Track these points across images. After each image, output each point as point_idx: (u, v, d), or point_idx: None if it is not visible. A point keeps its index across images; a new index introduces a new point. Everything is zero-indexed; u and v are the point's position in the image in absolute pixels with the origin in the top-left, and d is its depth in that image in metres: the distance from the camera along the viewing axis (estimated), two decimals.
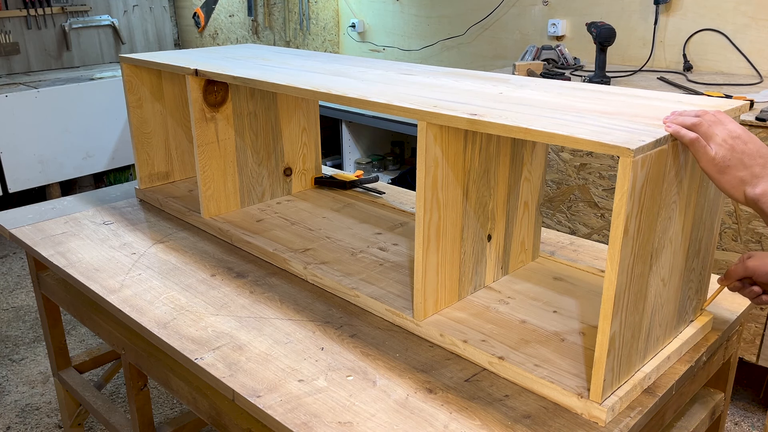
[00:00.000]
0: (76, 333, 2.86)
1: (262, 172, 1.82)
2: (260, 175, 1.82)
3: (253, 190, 1.81)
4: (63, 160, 3.88)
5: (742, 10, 2.52)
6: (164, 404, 2.40)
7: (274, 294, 1.37)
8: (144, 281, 1.43)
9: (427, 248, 1.16)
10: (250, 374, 1.10)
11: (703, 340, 1.19)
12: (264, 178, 1.83)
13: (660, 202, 0.95)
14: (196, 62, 1.67)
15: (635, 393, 1.03)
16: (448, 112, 1.06)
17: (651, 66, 2.83)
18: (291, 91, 1.34)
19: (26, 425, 2.28)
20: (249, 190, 1.80)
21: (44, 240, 1.66)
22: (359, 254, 1.50)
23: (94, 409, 1.80)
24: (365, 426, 0.98)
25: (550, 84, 1.30)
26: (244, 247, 1.58)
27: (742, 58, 2.57)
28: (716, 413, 1.38)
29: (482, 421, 0.98)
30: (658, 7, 2.72)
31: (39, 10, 4.28)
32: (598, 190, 2.44)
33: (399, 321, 1.25)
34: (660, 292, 1.04)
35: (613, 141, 0.87)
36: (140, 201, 1.94)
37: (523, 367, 1.07)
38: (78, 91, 3.88)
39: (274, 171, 1.86)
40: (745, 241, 2.08)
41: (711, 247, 1.17)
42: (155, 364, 1.39)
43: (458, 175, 1.17)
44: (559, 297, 1.30)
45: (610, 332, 0.93)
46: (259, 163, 1.81)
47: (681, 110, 1.01)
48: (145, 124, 1.92)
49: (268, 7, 4.27)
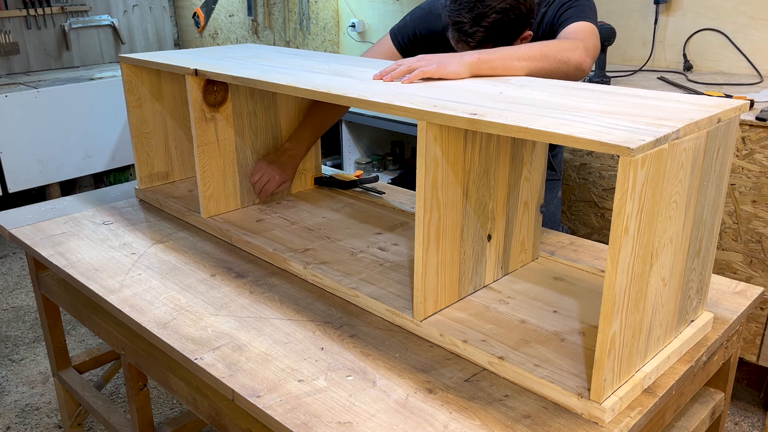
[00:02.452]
0: (76, 333, 2.86)
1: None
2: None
3: (253, 189, 1.81)
4: (63, 160, 3.88)
5: (742, 9, 2.52)
6: (164, 404, 2.40)
7: (274, 294, 1.37)
8: (144, 281, 1.43)
9: (427, 248, 1.16)
10: (249, 374, 1.10)
11: (703, 340, 1.19)
12: None
13: (660, 201, 0.95)
14: (195, 62, 1.67)
15: (635, 393, 1.03)
16: (448, 111, 1.06)
17: (651, 66, 2.83)
18: (291, 91, 1.34)
19: (26, 425, 2.28)
20: (249, 190, 1.80)
21: (44, 240, 1.66)
22: (359, 254, 1.50)
23: (94, 409, 1.80)
24: (365, 426, 0.98)
25: (550, 84, 1.30)
26: (244, 247, 1.58)
27: (742, 57, 2.57)
28: (716, 413, 1.38)
29: (482, 421, 0.98)
30: (658, 6, 2.72)
31: (39, 10, 4.27)
32: (598, 190, 2.44)
33: (399, 321, 1.24)
34: (660, 292, 1.04)
35: (613, 140, 0.87)
36: (140, 201, 1.94)
37: (523, 367, 1.07)
38: (78, 91, 3.88)
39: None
40: (745, 241, 2.08)
41: (711, 247, 1.17)
42: (155, 364, 1.39)
43: (458, 175, 1.17)
44: (559, 297, 1.30)
45: (610, 332, 0.93)
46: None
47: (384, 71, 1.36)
48: (145, 124, 1.92)
49: (268, 7, 4.27)
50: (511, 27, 1.54)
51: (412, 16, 1.85)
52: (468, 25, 1.53)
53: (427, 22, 1.81)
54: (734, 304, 1.31)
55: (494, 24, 1.52)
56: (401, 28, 1.85)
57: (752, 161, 2.02)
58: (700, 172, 1.04)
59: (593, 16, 1.62)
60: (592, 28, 1.57)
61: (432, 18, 1.81)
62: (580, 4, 1.63)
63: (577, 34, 1.53)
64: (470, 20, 1.53)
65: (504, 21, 1.53)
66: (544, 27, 1.68)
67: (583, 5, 1.63)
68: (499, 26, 1.53)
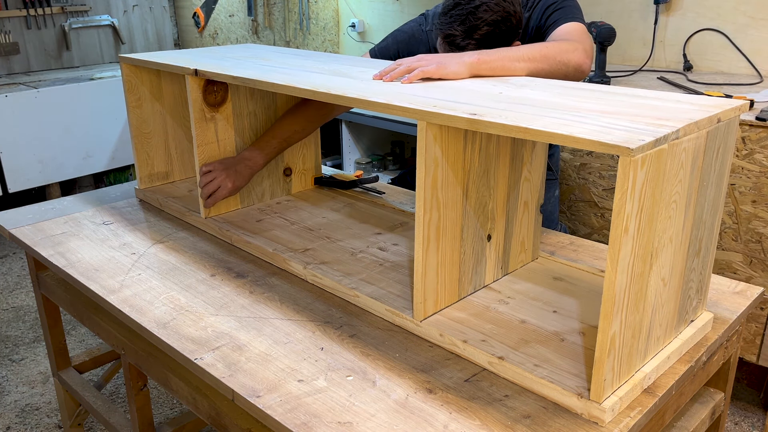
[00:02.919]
0: (76, 333, 2.86)
1: (261, 172, 1.82)
2: (260, 175, 1.81)
3: (253, 190, 1.81)
4: (63, 160, 3.88)
5: (742, 9, 2.52)
6: (164, 404, 2.40)
7: (274, 294, 1.37)
8: (144, 281, 1.43)
9: (427, 248, 1.16)
10: (249, 374, 1.10)
11: (703, 340, 1.19)
12: (264, 178, 1.83)
13: (660, 201, 0.95)
14: (195, 62, 1.67)
15: (635, 393, 1.03)
16: (448, 111, 1.06)
17: (651, 66, 2.83)
18: (291, 91, 1.34)
19: (26, 425, 2.28)
20: (249, 190, 1.80)
21: (44, 240, 1.66)
22: (359, 254, 1.50)
23: (93, 409, 1.80)
24: (365, 426, 0.98)
25: (549, 84, 1.30)
26: (244, 247, 1.58)
27: (742, 57, 2.56)
28: (716, 413, 1.38)
29: (482, 421, 0.98)
30: (658, 6, 2.72)
31: (39, 10, 4.27)
32: (598, 190, 2.44)
33: (399, 321, 1.24)
34: (660, 292, 1.04)
35: (612, 140, 0.87)
36: (140, 201, 1.94)
37: (523, 367, 1.07)
38: (78, 91, 3.88)
39: (274, 171, 1.86)
40: (745, 241, 2.08)
41: (711, 247, 1.17)
42: (155, 364, 1.39)
43: (458, 175, 1.17)
44: (559, 297, 1.30)
45: (610, 332, 0.93)
46: None
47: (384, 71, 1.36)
48: (145, 124, 1.92)
49: (268, 7, 4.27)
50: (502, 38, 1.55)
51: (395, 38, 1.86)
52: (460, 38, 1.54)
53: (410, 45, 1.83)
54: (734, 304, 1.31)
55: (485, 36, 1.53)
56: (382, 49, 1.87)
57: (752, 161, 2.02)
58: (700, 172, 1.04)
59: (580, 15, 1.64)
60: (582, 28, 1.58)
61: (415, 42, 1.83)
62: (566, 5, 1.64)
63: (571, 35, 1.54)
64: (462, 33, 1.54)
65: (495, 33, 1.53)
66: (530, 30, 1.69)
67: (569, 6, 1.64)
68: (491, 38, 1.54)
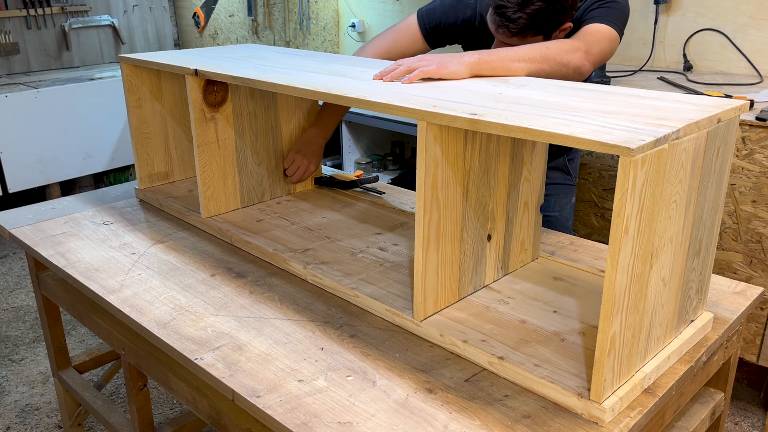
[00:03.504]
0: (76, 333, 2.86)
1: (262, 172, 1.82)
2: (260, 175, 1.82)
3: (253, 190, 1.81)
4: (63, 160, 3.88)
5: (742, 9, 2.52)
6: (164, 404, 2.40)
7: (274, 294, 1.37)
8: (144, 281, 1.43)
9: (427, 248, 1.16)
10: (249, 374, 1.10)
11: (703, 340, 1.19)
12: (264, 178, 1.83)
13: (660, 201, 0.95)
14: (195, 62, 1.67)
15: (635, 393, 1.03)
16: (448, 111, 1.06)
17: (651, 66, 2.83)
18: (291, 91, 1.34)
19: (26, 425, 2.28)
20: (249, 190, 1.80)
21: (44, 240, 1.66)
22: (359, 254, 1.50)
23: (93, 409, 1.80)
24: (365, 426, 0.98)
25: (549, 84, 1.30)
26: (244, 247, 1.58)
27: (742, 57, 2.56)
28: (716, 413, 1.38)
29: (482, 421, 0.98)
30: (658, 6, 2.72)
31: (39, 10, 4.27)
32: (598, 190, 2.44)
33: (399, 321, 1.24)
34: (660, 292, 1.04)
35: (612, 140, 0.87)
36: (140, 201, 1.94)
37: (523, 367, 1.07)
38: (78, 91, 3.88)
39: (274, 171, 1.86)
40: (745, 241, 2.08)
41: (711, 247, 1.17)
42: (155, 364, 1.39)
43: (458, 175, 1.17)
44: (559, 297, 1.30)
45: (610, 332, 0.93)
46: (259, 163, 1.81)
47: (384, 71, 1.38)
48: (145, 124, 1.92)
49: (268, 7, 4.27)
50: (554, 17, 1.52)
51: (443, 1, 1.80)
52: (512, 10, 1.51)
53: (457, 10, 1.77)
54: (734, 304, 1.31)
55: (538, 12, 1.50)
56: (429, 12, 1.80)
57: (752, 161, 2.02)
58: (700, 172, 1.04)
59: (618, 21, 1.58)
60: (608, 32, 1.53)
61: (462, 6, 1.76)
62: (611, 6, 1.58)
63: (587, 36, 1.51)
64: (515, 5, 1.51)
65: (548, 10, 1.51)
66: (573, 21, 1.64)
67: (614, 8, 1.59)
68: (542, 15, 1.51)
